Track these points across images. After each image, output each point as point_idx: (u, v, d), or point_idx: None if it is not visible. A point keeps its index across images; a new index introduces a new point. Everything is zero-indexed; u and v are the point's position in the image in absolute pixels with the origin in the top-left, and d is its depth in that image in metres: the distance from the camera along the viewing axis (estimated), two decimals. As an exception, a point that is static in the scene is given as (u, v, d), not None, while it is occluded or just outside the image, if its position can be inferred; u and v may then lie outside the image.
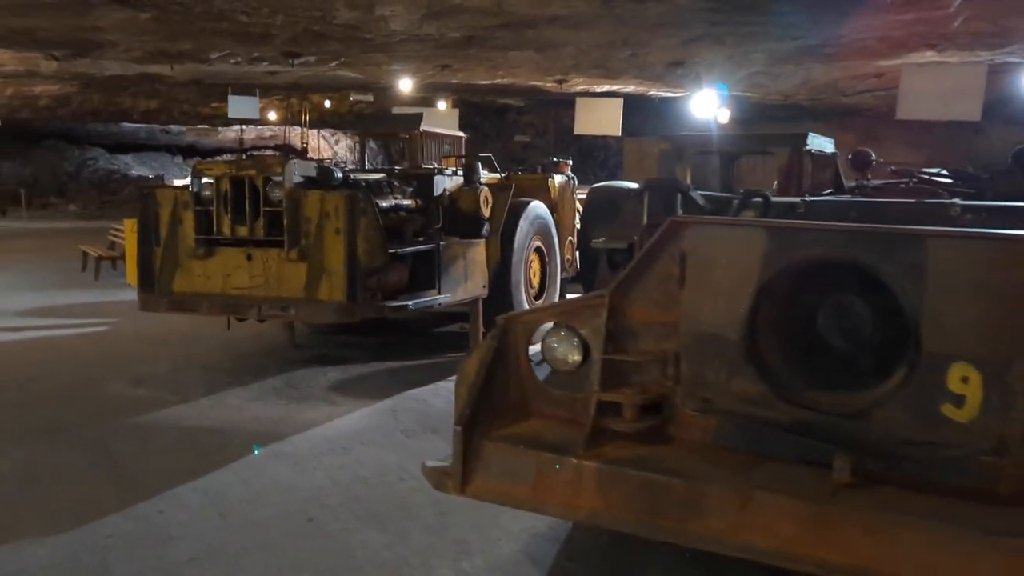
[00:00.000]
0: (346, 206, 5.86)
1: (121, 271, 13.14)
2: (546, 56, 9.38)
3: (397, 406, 5.82)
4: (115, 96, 27.20)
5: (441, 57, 9.61)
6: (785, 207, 3.71)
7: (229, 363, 7.27)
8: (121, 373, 6.81)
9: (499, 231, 7.64)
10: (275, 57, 9.77)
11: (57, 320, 9.31)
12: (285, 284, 6.07)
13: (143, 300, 6.38)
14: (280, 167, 5.98)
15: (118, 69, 11.89)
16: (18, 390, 6.27)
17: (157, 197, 6.41)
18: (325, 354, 7.59)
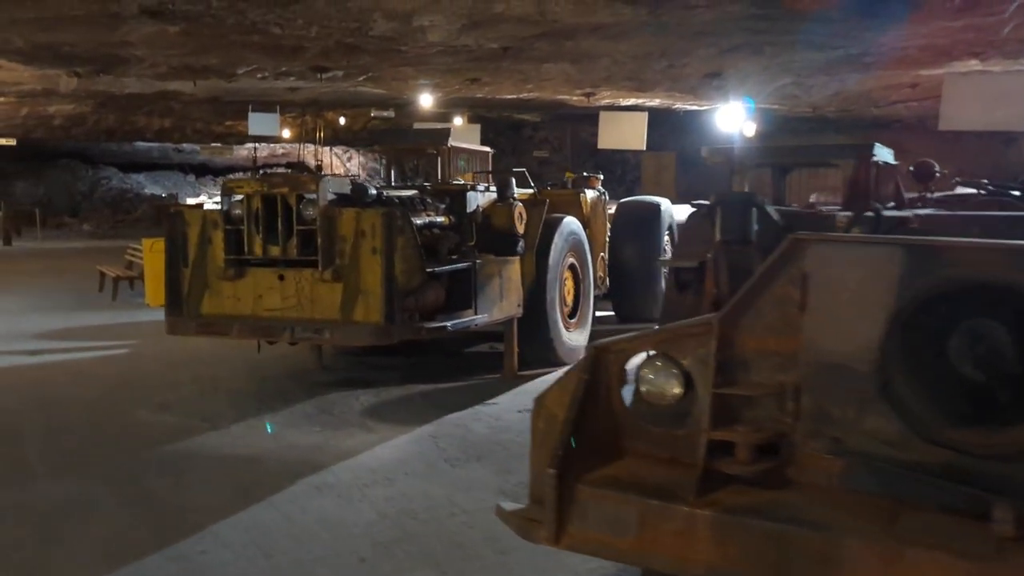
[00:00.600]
0: (383, 224, 5.63)
1: (139, 291, 12.98)
2: (580, 68, 9.18)
3: (437, 432, 5.56)
4: (130, 115, 27.23)
5: (472, 70, 9.42)
6: (895, 222, 3.45)
7: (256, 387, 7.03)
8: (146, 398, 6.58)
9: (534, 248, 7.40)
10: (302, 72, 9.61)
11: (76, 343, 9.11)
12: (319, 305, 5.84)
13: (171, 323, 6.16)
14: (314, 184, 5.77)
15: (137, 87, 11.78)
16: (41, 418, 6.05)
17: (185, 216, 6.21)
18: (355, 377, 7.35)
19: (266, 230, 5.91)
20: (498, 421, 5.80)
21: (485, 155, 9.87)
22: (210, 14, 6.46)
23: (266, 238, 5.92)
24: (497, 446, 5.22)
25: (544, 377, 7.22)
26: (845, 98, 11.19)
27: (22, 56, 8.34)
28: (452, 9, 6.45)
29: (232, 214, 6.00)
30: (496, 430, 5.58)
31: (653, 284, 10.38)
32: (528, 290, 7.33)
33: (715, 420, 2.22)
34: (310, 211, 5.77)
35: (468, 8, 6.44)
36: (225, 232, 6.01)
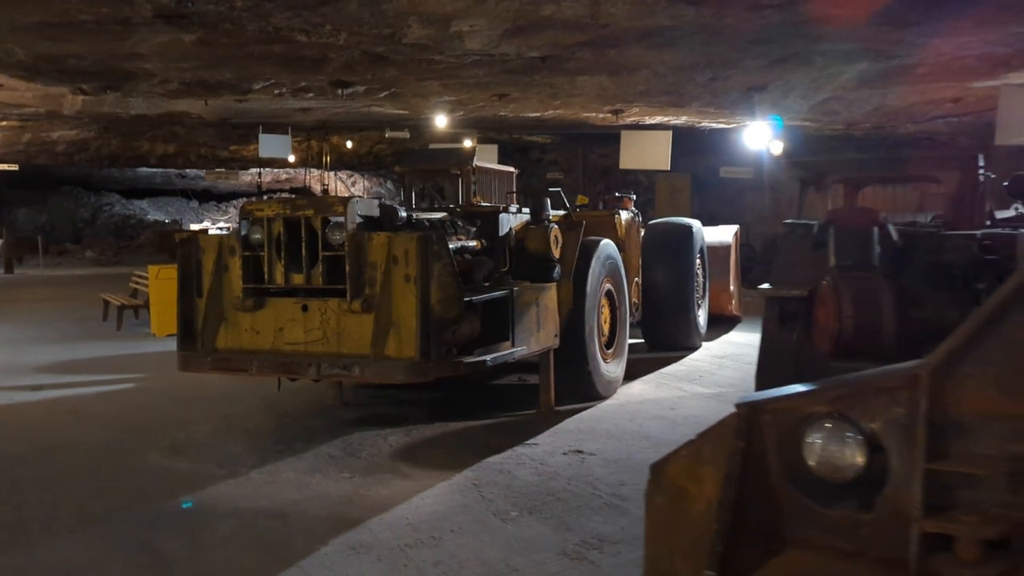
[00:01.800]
0: (418, 249, 5.13)
1: (144, 320, 12.49)
2: (617, 81, 8.73)
3: (480, 479, 5.02)
4: (133, 140, 26.90)
5: (502, 84, 8.97)
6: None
7: (274, 426, 6.50)
8: (156, 440, 6.05)
9: (571, 274, 6.90)
10: (321, 87, 9.15)
11: (80, 376, 8.59)
12: (347, 339, 5.32)
13: (184, 359, 5.63)
14: (341, 206, 5.27)
15: (144, 107, 11.36)
16: (41, 463, 5.51)
17: (200, 242, 5.71)
18: (379, 413, 6.83)
19: (288, 257, 5.40)
20: (544, 466, 5.26)
21: (509, 175, 9.41)
22: (231, 18, 6.01)
23: (288, 265, 5.41)
24: (549, 496, 4.68)
25: (582, 414, 6.71)
26: (884, 114, 10.76)
27: (24, 71, 7.90)
28: (497, 12, 5.99)
29: (251, 239, 5.50)
30: (544, 476, 5.04)
31: (686, 311, 9.88)
32: (564, 319, 6.82)
33: (926, 505, 1.69)
34: (337, 235, 5.27)
35: (515, 11, 5.99)
36: (243, 259, 5.50)
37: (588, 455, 5.49)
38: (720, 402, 7.11)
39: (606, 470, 5.15)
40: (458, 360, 5.24)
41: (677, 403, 7.08)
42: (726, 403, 7.12)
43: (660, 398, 7.30)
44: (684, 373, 8.52)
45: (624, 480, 4.93)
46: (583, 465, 5.26)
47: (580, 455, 5.50)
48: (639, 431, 6.15)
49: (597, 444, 5.77)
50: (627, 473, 5.07)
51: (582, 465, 5.26)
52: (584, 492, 4.73)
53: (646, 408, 6.89)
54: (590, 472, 5.11)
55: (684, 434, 6.05)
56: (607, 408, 6.91)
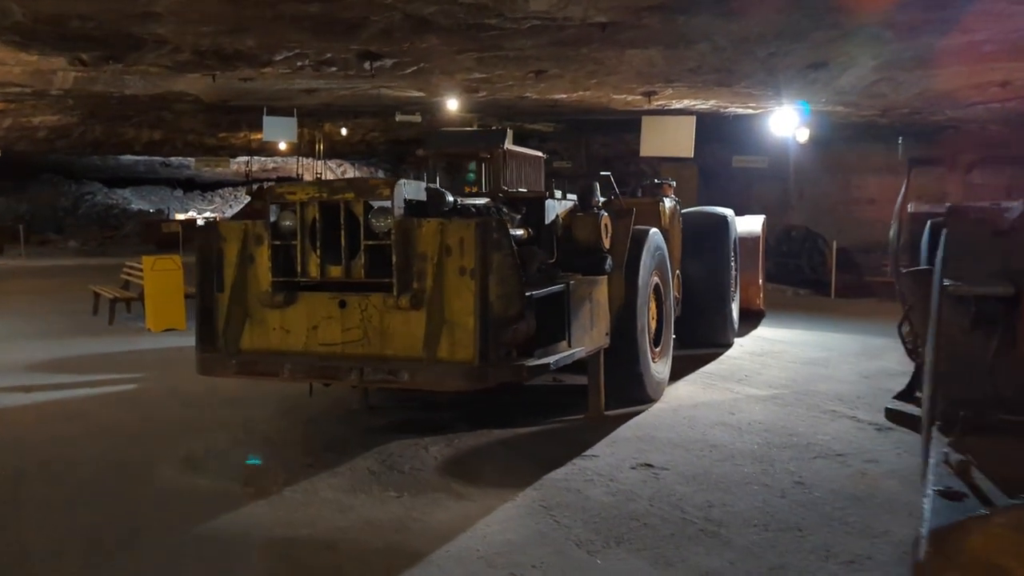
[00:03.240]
0: (476, 237, 4.51)
1: (137, 313, 11.80)
2: (669, 56, 8.10)
3: (547, 500, 4.42)
4: (118, 126, 25.96)
5: (545, 59, 8.29)
6: None
7: (299, 434, 5.87)
8: (168, 451, 5.40)
9: (622, 266, 6.31)
10: (347, 62, 8.42)
11: (74, 376, 7.90)
12: (392, 339, 4.70)
13: (204, 362, 4.98)
14: (387, 188, 4.64)
15: (140, 87, 10.60)
16: (42, 481, 4.85)
17: (220, 230, 5.05)
18: (411, 420, 6.21)
19: (325, 246, 4.77)
20: (616, 483, 4.67)
21: (537, 160, 8.79)
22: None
23: (325, 256, 4.78)
24: (633, 521, 4.09)
25: (636, 419, 6.14)
26: (927, 98, 10.23)
27: (19, 36, 7.13)
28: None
29: (281, 226, 4.86)
30: (620, 496, 4.45)
31: (722, 306, 9.33)
32: (615, 315, 6.24)
33: None
34: (382, 222, 4.64)
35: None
36: (272, 249, 4.86)
37: (660, 469, 4.91)
38: (779, 405, 6.57)
39: (687, 488, 4.57)
40: (519, 364, 4.63)
41: (733, 407, 6.52)
42: (786, 406, 6.60)
43: (713, 401, 6.74)
44: (727, 372, 7.97)
45: (711, 501, 4.36)
46: (659, 482, 4.68)
47: (651, 469, 4.92)
48: (704, 439, 5.59)
49: (664, 456, 5.19)
50: (711, 492, 4.50)
51: (658, 482, 4.68)
52: (672, 516, 4.15)
53: (702, 413, 6.33)
54: (670, 491, 4.53)
55: (753, 443, 5.51)
56: (660, 413, 6.34)
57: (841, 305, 13.76)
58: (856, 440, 5.54)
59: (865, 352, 9.09)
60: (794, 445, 5.42)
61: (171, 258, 11.39)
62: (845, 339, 10.05)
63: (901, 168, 6.29)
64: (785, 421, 6.06)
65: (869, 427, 5.87)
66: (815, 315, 12.41)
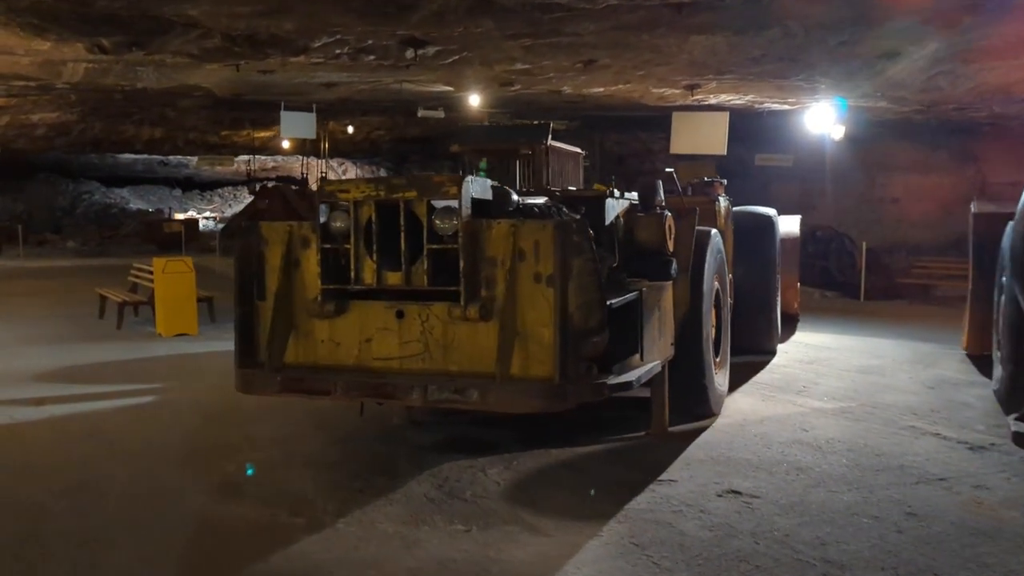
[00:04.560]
0: (555, 241, 4.04)
1: (145, 317, 11.29)
2: (735, 42, 7.61)
3: (636, 535, 3.95)
4: (118, 124, 25.44)
5: (602, 46, 7.79)
6: None
7: (340, 454, 5.39)
8: (201, 475, 4.92)
9: (688, 270, 5.85)
10: (387, 50, 7.90)
11: (87, 387, 7.41)
12: (456, 354, 4.23)
13: (244, 379, 4.50)
14: (454, 186, 4.16)
15: (153, 79, 10.07)
16: (66, 511, 4.36)
17: (262, 232, 4.57)
18: (459, 436, 5.74)
19: (381, 249, 4.29)
20: (707, 514, 4.20)
21: (576, 157, 8.34)
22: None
23: (381, 261, 4.30)
24: (741, 562, 3.63)
25: (703, 437, 5.68)
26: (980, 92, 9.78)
27: (37, 17, 6.57)
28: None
29: (332, 228, 4.38)
30: (717, 531, 3.98)
31: (768, 311, 8.87)
32: (679, 324, 5.78)
33: None
34: (447, 223, 4.16)
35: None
36: (322, 252, 4.38)
37: (750, 497, 4.45)
38: (851, 420, 6.11)
39: (788, 520, 4.11)
40: (600, 382, 4.17)
41: (803, 422, 6.06)
42: (859, 421, 6.14)
43: (778, 415, 6.28)
44: (781, 382, 7.52)
45: (821, 537, 3.89)
46: (755, 513, 4.21)
47: (740, 497, 4.45)
48: (785, 461, 5.12)
49: (749, 481, 4.73)
50: (817, 526, 4.04)
51: (753, 513, 4.21)
52: (784, 557, 3.67)
53: (772, 429, 5.87)
54: (771, 524, 4.06)
55: (840, 465, 5.03)
56: (727, 429, 5.88)
57: (873, 308, 13.33)
58: (952, 462, 5.08)
59: (918, 359, 8.65)
60: (886, 468, 4.96)
61: (183, 260, 10.90)
62: (892, 345, 9.61)
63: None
64: (865, 439, 5.60)
65: (959, 446, 5.42)
66: (849, 319, 11.97)
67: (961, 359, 8.60)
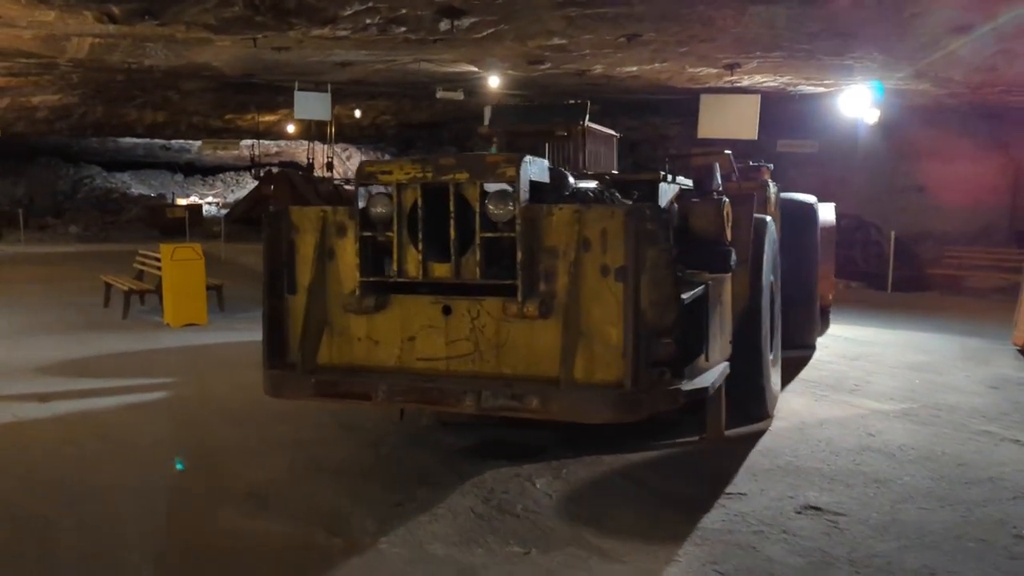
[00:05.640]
0: (627, 228, 3.59)
1: (152, 306, 10.87)
2: (797, 15, 7.09)
3: (719, 561, 3.51)
4: (120, 107, 24.96)
5: (653, 18, 7.30)
6: None
7: (370, 460, 4.96)
8: (225, 485, 4.49)
9: (747, 261, 5.40)
10: (420, 20, 7.40)
11: (95, 381, 6.98)
12: (511, 354, 3.79)
13: (274, 382, 4.06)
14: (511, 167, 3.70)
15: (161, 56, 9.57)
16: (73, 526, 3.93)
17: (293, 218, 4.11)
18: (496, 439, 5.31)
19: (428, 238, 3.84)
20: (792, 536, 3.77)
21: (611, 139, 7.87)
22: None
23: (427, 250, 3.85)
24: (845, 594, 3.19)
25: (763, 442, 5.26)
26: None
27: None
28: None
29: (373, 214, 3.93)
30: (809, 557, 3.55)
31: (810, 304, 8.42)
32: (737, 319, 5.33)
33: None
34: (503, 209, 3.71)
35: None
36: (360, 241, 3.93)
37: (834, 515, 4.01)
38: (918, 424, 5.67)
39: (886, 544, 3.67)
40: (675, 388, 3.72)
41: (866, 426, 5.63)
42: (927, 425, 5.68)
43: (837, 418, 5.84)
44: (830, 380, 7.09)
45: (930, 566, 3.46)
46: (844, 535, 3.78)
47: (822, 515, 4.02)
48: (859, 471, 4.69)
49: (826, 494, 4.30)
50: (920, 550, 3.60)
51: (843, 534, 3.78)
52: (891, 587, 3.24)
53: (835, 434, 5.43)
54: (868, 548, 3.63)
55: (923, 477, 4.57)
56: (786, 433, 5.44)
57: (904, 300, 12.88)
58: (1043, 472, 4.65)
59: (969, 356, 8.21)
60: (975, 481, 4.53)
61: (191, 246, 10.44)
62: (937, 340, 9.18)
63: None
64: (940, 446, 5.17)
65: (1045, 454, 4.98)
66: (882, 312, 11.53)
67: (1015, 356, 8.16)
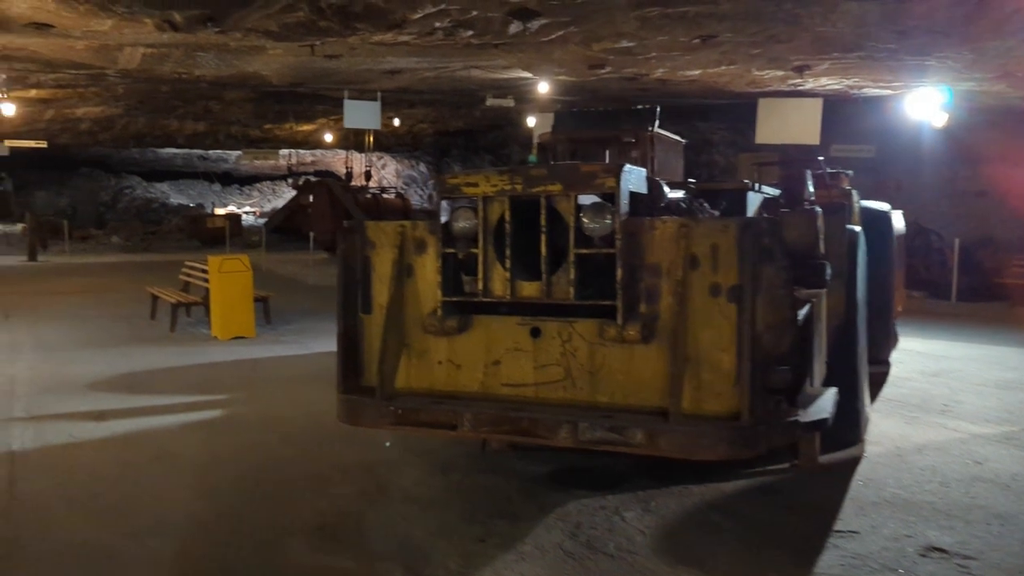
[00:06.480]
0: (740, 244, 3.27)
1: (199, 318, 10.75)
2: (893, 10, 6.69)
3: (847, 612, 3.17)
4: (161, 118, 25.15)
5: (734, 16, 6.99)
6: None
7: (440, 487, 4.67)
8: (291, 514, 4.23)
9: (842, 275, 5.03)
10: (491, 21, 7.12)
11: (148, 398, 6.80)
12: (607, 382, 3.48)
13: (350, 408, 3.79)
14: (611, 177, 3.39)
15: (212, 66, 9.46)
16: (139, 558, 3.69)
17: (369, 233, 3.85)
18: (573, 465, 4.98)
19: (516, 254, 3.55)
20: (923, 581, 3.40)
21: (678, 146, 7.55)
22: None
23: (515, 268, 3.56)
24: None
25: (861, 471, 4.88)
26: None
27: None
28: None
29: (456, 228, 3.65)
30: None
31: (887, 316, 7.98)
32: (832, 338, 4.97)
33: None
34: (600, 223, 3.40)
35: None
36: (442, 258, 3.65)
37: (963, 558, 3.64)
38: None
39: (1031, 594, 3.30)
40: (793, 420, 3.38)
41: (968, 451, 5.22)
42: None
43: (935, 443, 5.44)
44: (917, 400, 6.68)
45: (1088, 619, 3.08)
46: (982, 582, 3.41)
47: (949, 558, 3.65)
48: (977, 505, 4.30)
49: (947, 534, 3.92)
50: (1072, 601, 3.22)
51: (980, 581, 3.41)
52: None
53: (938, 461, 5.04)
54: (1012, 599, 3.25)
55: (1050, 512, 4.23)
56: (885, 461, 5.06)
57: (971, 311, 12.34)
58: None
59: (1058, 373, 7.74)
60: (1110, 517, 4.12)
61: (239, 258, 10.30)
62: (1019, 355, 8.69)
63: None
64: (1057, 476, 4.75)
65: None
66: (951, 323, 11.03)
67: (1110, 373, 7.67)
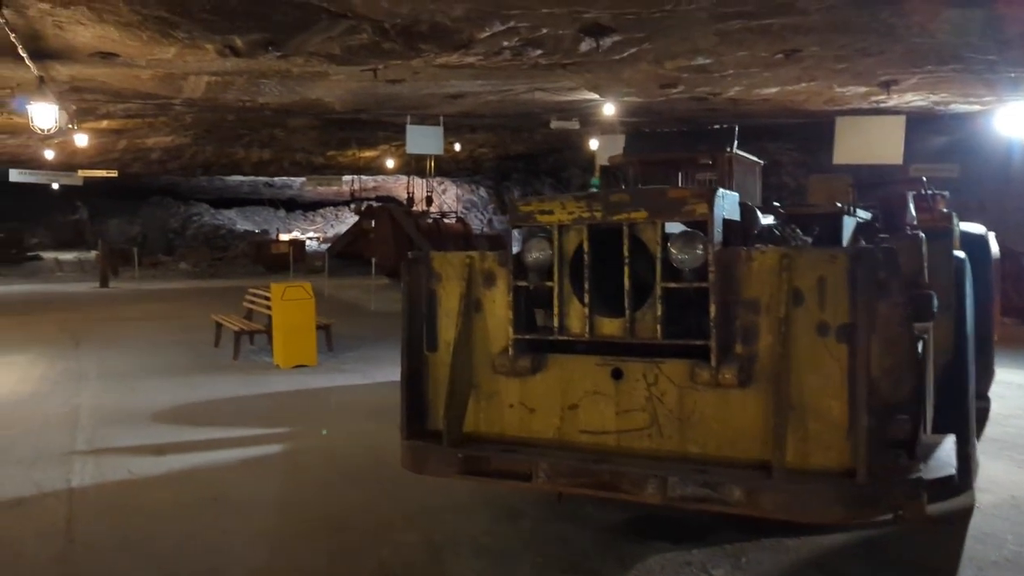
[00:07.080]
0: (853, 277, 2.89)
1: (261, 345, 10.70)
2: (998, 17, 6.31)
3: None
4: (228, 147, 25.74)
5: (822, 29, 6.66)
6: None
7: (510, 535, 4.35)
8: (352, 562, 3.97)
9: (949, 307, 4.58)
10: (562, 39, 6.93)
11: (209, 431, 6.67)
12: (698, 430, 3.12)
13: (415, 455, 3.52)
14: (702, 203, 3.06)
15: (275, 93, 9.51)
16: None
17: (434, 265, 3.59)
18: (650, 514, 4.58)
19: (594, 289, 3.23)
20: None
21: (755, 167, 7.15)
22: None
23: (594, 303, 3.24)
24: None
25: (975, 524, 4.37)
26: None
27: (167, 7, 5.93)
28: None
29: (529, 260, 3.35)
30: None
31: (986, 349, 7.36)
32: (939, 375, 4.50)
33: None
34: (691, 254, 3.07)
35: None
36: (514, 292, 3.36)
37: (1118, 637, 3.14)
38: None
39: None
40: (917, 476, 2.97)
41: None
42: None
43: (1056, 491, 4.88)
44: (1022, 439, 6.09)
45: None
46: None
47: (1100, 636, 3.16)
48: (1119, 569, 3.77)
49: (1090, 603, 3.42)
50: None
51: None
52: None
53: (1064, 514, 4.50)
54: None
55: None
56: (1000, 512, 4.55)
57: (1069, 339, 11.48)
58: None
59: None
60: None
61: (302, 285, 10.23)
62: None
63: None
64: None
65: None
66: (1049, 352, 10.22)
67: None
